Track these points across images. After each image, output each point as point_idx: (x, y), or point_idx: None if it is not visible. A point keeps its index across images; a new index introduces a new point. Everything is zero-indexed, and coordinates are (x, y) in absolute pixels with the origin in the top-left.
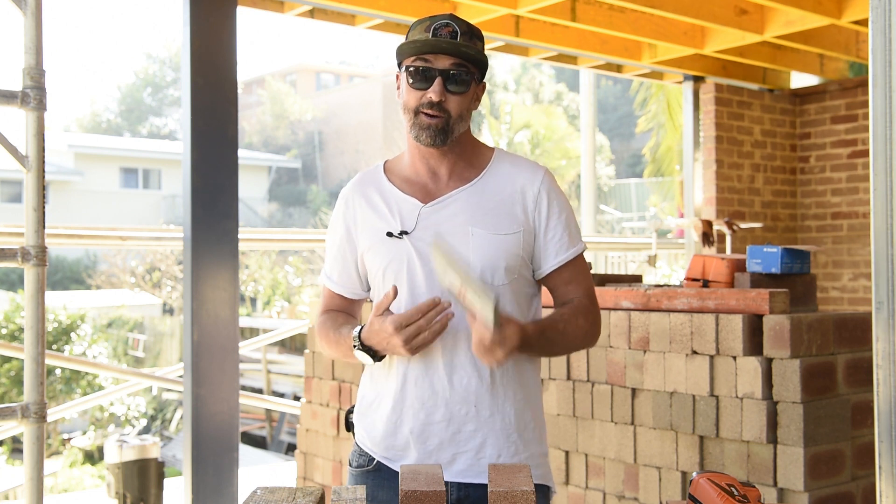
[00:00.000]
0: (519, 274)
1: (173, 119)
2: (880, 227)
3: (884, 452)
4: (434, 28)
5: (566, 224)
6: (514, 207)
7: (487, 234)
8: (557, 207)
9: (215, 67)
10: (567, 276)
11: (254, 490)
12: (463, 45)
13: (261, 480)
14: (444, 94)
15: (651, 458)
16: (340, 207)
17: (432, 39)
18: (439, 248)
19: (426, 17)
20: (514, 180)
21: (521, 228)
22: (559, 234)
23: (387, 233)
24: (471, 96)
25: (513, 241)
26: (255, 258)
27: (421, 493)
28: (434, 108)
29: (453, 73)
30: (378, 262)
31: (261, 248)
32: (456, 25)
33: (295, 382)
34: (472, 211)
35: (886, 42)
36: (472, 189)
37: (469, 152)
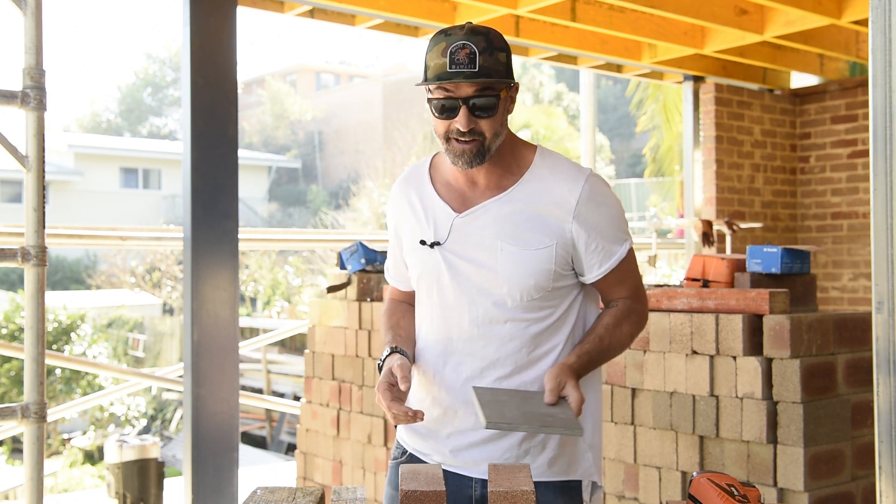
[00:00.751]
0: (553, 286)
1: (173, 119)
2: (880, 227)
3: (884, 452)
4: (451, 52)
5: (609, 230)
6: (548, 218)
7: (516, 250)
8: (599, 216)
9: (215, 67)
10: (613, 280)
11: (254, 490)
12: (483, 72)
13: (261, 480)
14: (473, 121)
15: (651, 458)
16: (390, 205)
17: (450, 70)
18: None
19: (443, 34)
20: (552, 188)
21: (553, 242)
22: (601, 244)
23: (420, 241)
24: (502, 111)
25: (543, 257)
26: (255, 258)
27: (421, 493)
28: (465, 136)
29: (477, 99)
30: (413, 269)
31: (261, 248)
32: (473, 46)
33: (295, 382)
34: (504, 223)
35: (886, 42)
36: (506, 197)
37: (508, 157)
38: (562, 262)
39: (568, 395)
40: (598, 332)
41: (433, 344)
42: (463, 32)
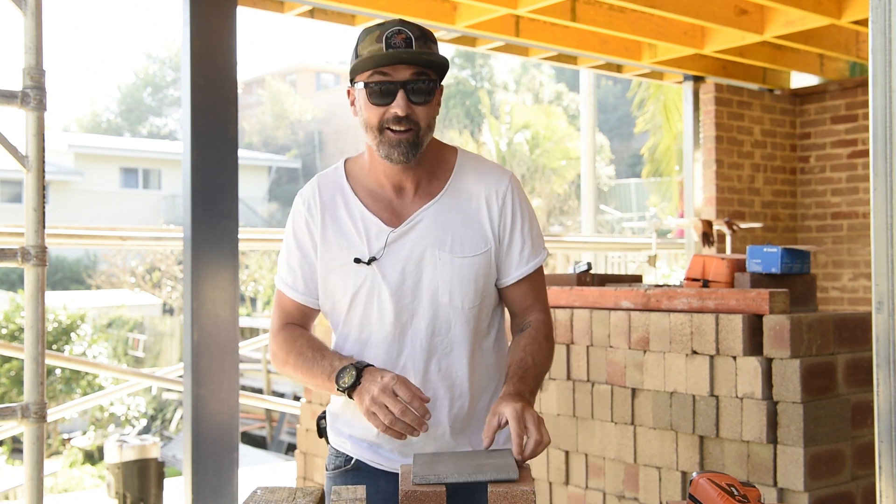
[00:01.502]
0: (488, 291)
1: (173, 119)
2: (880, 227)
3: (884, 452)
4: (387, 37)
5: (529, 234)
6: (480, 221)
7: (454, 259)
8: (521, 217)
9: (215, 67)
10: (526, 288)
11: (254, 490)
12: (423, 53)
13: (261, 480)
14: (410, 107)
15: (651, 458)
16: (301, 212)
17: (389, 51)
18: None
19: (374, 26)
20: (479, 192)
21: (489, 246)
22: (521, 245)
23: (355, 259)
24: (434, 104)
25: (482, 262)
26: (255, 258)
27: (421, 493)
28: (402, 123)
29: (415, 83)
30: (344, 289)
31: (261, 248)
32: (409, 31)
33: (295, 382)
34: (439, 232)
35: (886, 42)
36: (437, 206)
37: (433, 160)
38: (493, 267)
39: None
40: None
41: (375, 360)
42: (398, 21)
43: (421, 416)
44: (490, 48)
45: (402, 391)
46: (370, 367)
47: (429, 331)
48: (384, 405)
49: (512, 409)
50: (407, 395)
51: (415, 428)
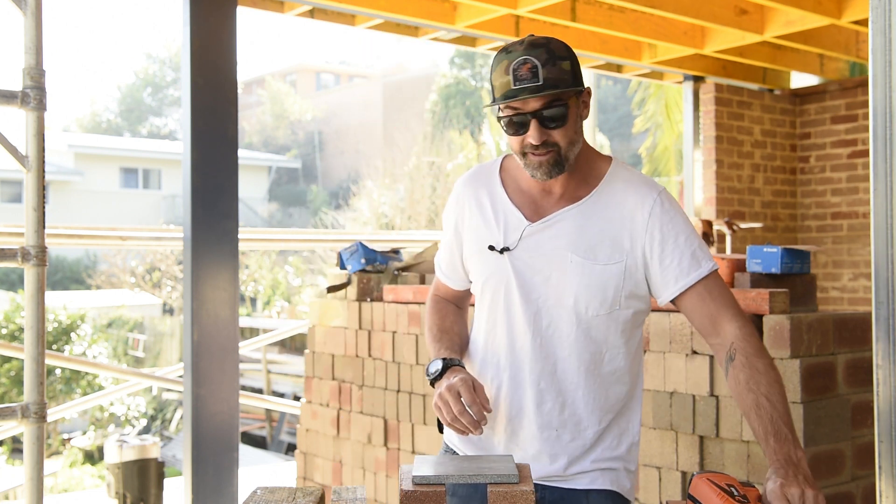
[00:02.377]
0: (622, 304)
1: (173, 119)
2: (880, 227)
3: (884, 452)
4: (514, 70)
5: (687, 245)
6: (621, 233)
7: (586, 263)
8: (673, 232)
9: (215, 67)
10: (702, 299)
11: (254, 490)
12: (548, 83)
13: (261, 480)
14: (545, 133)
15: (651, 458)
16: (452, 201)
17: (515, 87)
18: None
19: (504, 52)
20: (624, 202)
21: (623, 258)
22: (677, 259)
23: (489, 246)
24: (574, 119)
25: (613, 272)
26: (255, 258)
27: (421, 493)
28: (539, 149)
29: (545, 111)
30: (478, 274)
31: (261, 248)
32: (534, 59)
33: (295, 382)
34: (576, 235)
35: (886, 42)
36: (579, 209)
37: (584, 167)
38: (632, 280)
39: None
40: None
41: (494, 351)
42: (523, 47)
43: (476, 420)
44: (490, 48)
45: (465, 394)
46: (455, 367)
47: (549, 330)
48: (447, 402)
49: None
50: (468, 398)
51: (471, 428)
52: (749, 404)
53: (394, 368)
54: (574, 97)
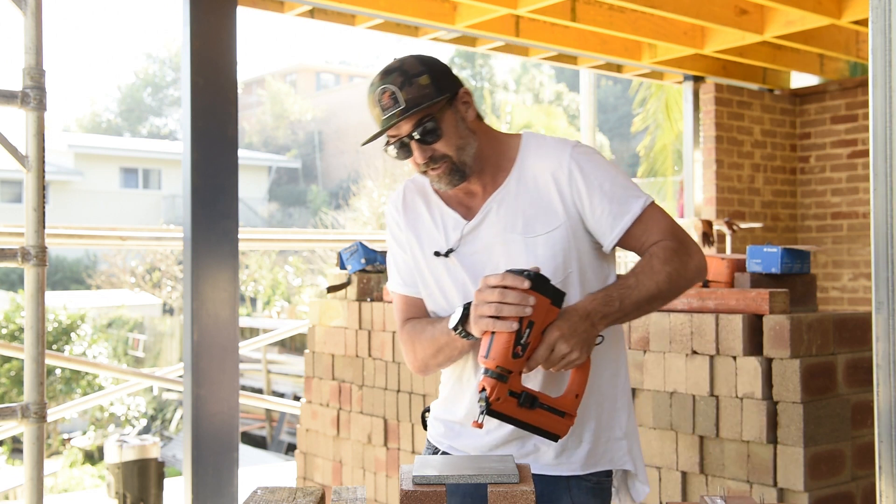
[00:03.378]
0: (579, 261)
1: (173, 119)
2: (880, 227)
3: (884, 452)
4: (377, 100)
5: (613, 190)
6: (550, 199)
7: (528, 239)
8: (596, 181)
9: (215, 67)
10: (638, 234)
11: (254, 490)
12: (410, 105)
13: (261, 480)
14: (428, 149)
15: (651, 458)
16: (392, 214)
17: (384, 117)
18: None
19: (370, 84)
20: (543, 170)
21: (561, 221)
22: (607, 208)
23: (434, 252)
24: (453, 126)
25: (556, 238)
26: (255, 258)
27: (421, 493)
28: (430, 164)
29: (418, 130)
30: (433, 280)
31: (261, 248)
32: (391, 85)
33: (295, 382)
34: (510, 216)
35: (886, 42)
36: (504, 193)
37: (495, 155)
38: (579, 235)
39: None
40: (623, 276)
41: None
42: (379, 77)
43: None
44: (490, 48)
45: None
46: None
47: None
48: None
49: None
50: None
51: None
52: (624, 275)
53: (394, 368)
54: (445, 104)
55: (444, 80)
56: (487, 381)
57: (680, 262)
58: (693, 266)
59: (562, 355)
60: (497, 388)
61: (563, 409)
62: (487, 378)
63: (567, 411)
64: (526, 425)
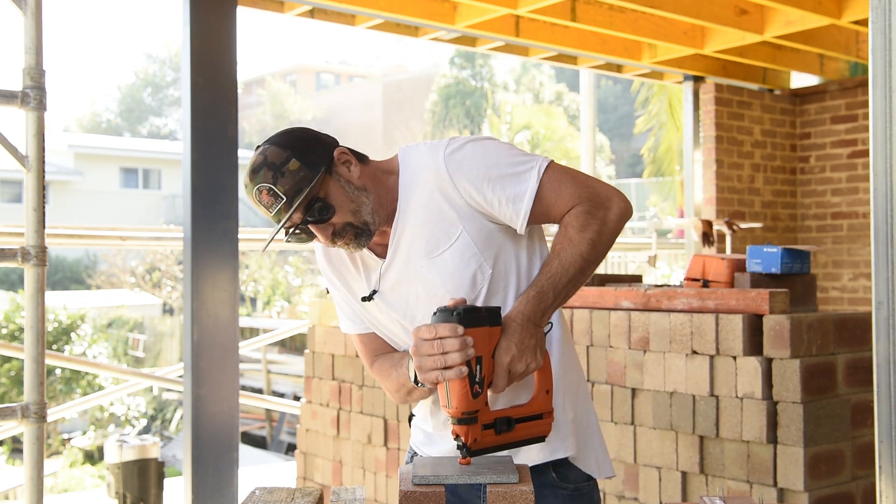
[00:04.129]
0: (497, 257)
1: (173, 119)
2: (880, 227)
3: (884, 452)
4: (259, 201)
5: (502, 174)
6: (441, 210)
7: (435, 259)
8: (480, 171)
9: (215, 67)
10: (547, 208)
11: (252, 490)
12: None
13: (261, 480)
14: (328, 227)
15: (651, 458)
16: (322, 264)
17: (272, 214)
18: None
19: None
20: (424, 182)
21: (459, 229)
22: (502, 192)
23: (361, 298)
24: (342, 192)
25: (461, 248)
26: (255, 258)
27: (420, 494)
28: (335, 238)
29: (310, 216)
30: (372, 321)
31: (261, 248)
32: (263, 183)
33: (295, 382)
34: (411, 243)
35: (886, 42)
36: (400, 221)
37: (387, 191)
38: (483, 236)
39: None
40: (547, 260)
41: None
42: (250, 179)
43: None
44: (490, 48)
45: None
46: None
47: None
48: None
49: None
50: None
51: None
52: (546, 261)
53: None
54: (325, 177)
55: (313, 154)
56: (459, 429)
57: (598, 222)
58: (613, 217)
59: (519, 373)
60: (470, 431)
61: (539, 411)
62: (457, 426)
63: (543, 411)
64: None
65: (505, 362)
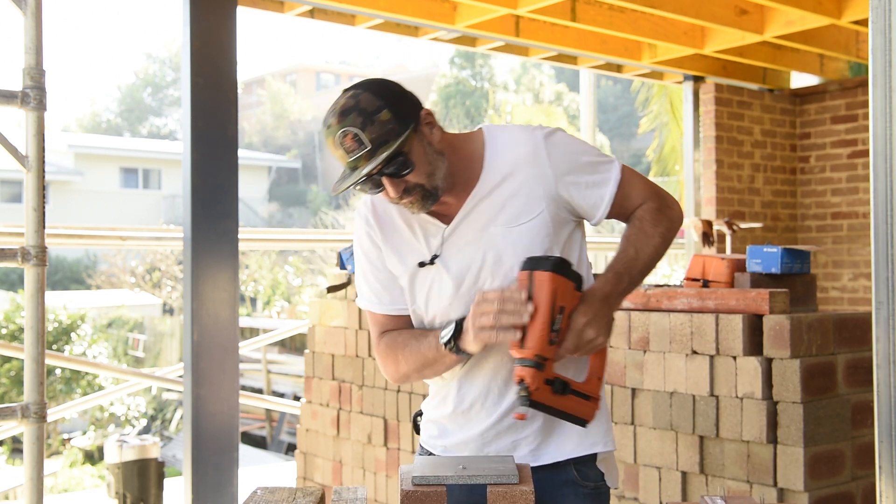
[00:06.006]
0: (562, 245)
1: (173, 119)
2: (880, 227)
3: (884, 452)
4: (339, 144)
5: (590, 164)
6: (529, 185)
7: (512, 230)
8: (574, 157)
9: (215, 67)
10: (620, 200)
11: (254, 490)
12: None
13: (261, 480)
14: (399, 183)
15: (651, 458)
16: (362, 227)
17: (350, 160)
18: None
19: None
20: (517, 158)
21: (543, 207)
22: (590, 179)
23: (419, 263)
24: (423, 152)
25: (540, 225)
26: (255, 258)
27: (421, 493)
28: (404, 196)
29: (388, 168)
30: (418, 292)
31: (261, 248)
32: (351, 128)
33: (295, 382)
34: (489, 211)
35: (886, 42)
36: (480, 189)
37: (462, 161)
38: (558, 221)
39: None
40: (622, 247)
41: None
42: (336, 118)
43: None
44: (490, 48)
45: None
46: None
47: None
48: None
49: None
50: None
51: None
52: (620, 249)
53: None
54: (411, 134)
55: (405, 109)
56: (526, 372)
57: (667, 220)
58: (677, 218)
59: (588, 340)
60: (536, 376)
61: (589, 393)
62: (525, 368)
63: (592, 395)
64: (558, 412)
65: (581, 323)
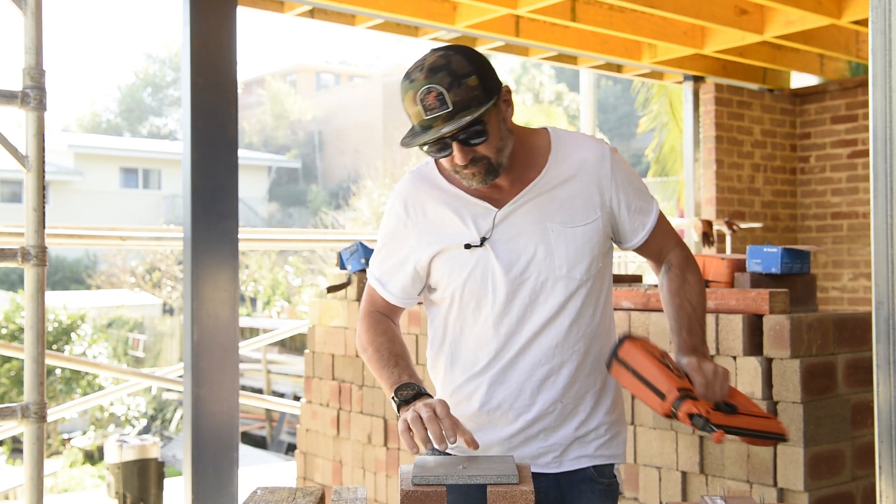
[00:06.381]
0: (603, 262)
1: (173, 119)
2: (880, 227)
3: (884, 452)
4: (420, 99)
5: (640, 192)
6: (590, 191)
7: (567, 230)
8: (630, 181)
9: (215, 67)
10: (655, 236)
11: (254, 490)
12: (458, 107)
13: (261, 480)
14: (468, 152)
15: (651, 458)
16: (399, 210)
17: (427, 118)
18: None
19: (407, 79)
20: (583, 162)
21: (598, 214)
22: (638, 206)
23: (465, 245)
24: (498, 126)
25: (593, 231)
26: (255, 258)
27: (421, 493)
28: (469, 166)
29: (463, 133)
30: (456, 276)
31: (261, 248)
32: (438, 86)
33: (295, 382)
34: (547, 206)
35: (886, 42)
36: (541, 182)
37: (523, 150)
38: (606, 232)
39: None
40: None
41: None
42: (423, 74)
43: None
44: (490, 48)
45: (440, 409)
46: (427, 395)
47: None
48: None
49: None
50: (442, 412)
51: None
52: (675, 306)
53: None
54: (492, 107)
55: (491, 80)
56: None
57: (695, 265)
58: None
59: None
60: (695, 404)
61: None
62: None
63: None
64: (753, 432)
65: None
